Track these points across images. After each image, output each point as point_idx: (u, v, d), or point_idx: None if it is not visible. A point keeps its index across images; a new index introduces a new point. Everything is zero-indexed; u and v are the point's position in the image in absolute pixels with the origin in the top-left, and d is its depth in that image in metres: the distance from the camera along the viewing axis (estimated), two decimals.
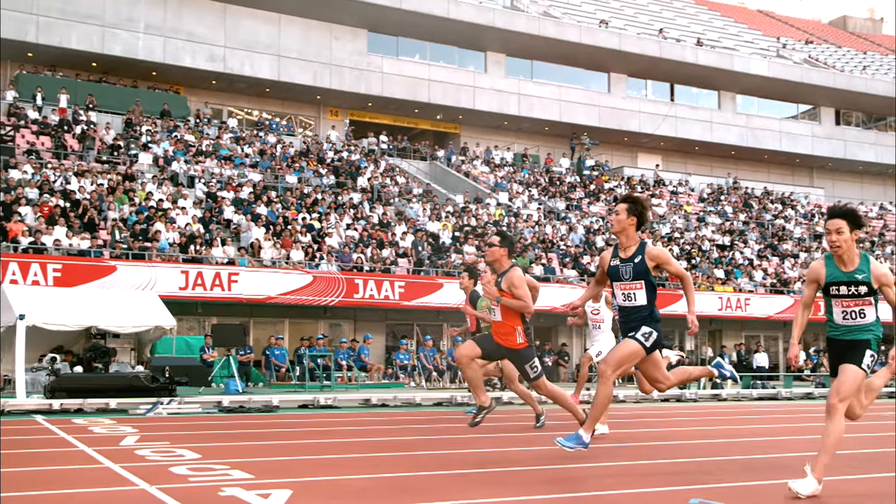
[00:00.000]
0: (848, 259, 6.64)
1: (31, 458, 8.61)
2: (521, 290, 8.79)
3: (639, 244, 7.82)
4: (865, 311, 6.64)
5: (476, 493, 6.57)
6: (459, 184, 40.10)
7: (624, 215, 7.83)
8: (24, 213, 24.44)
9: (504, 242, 9.12)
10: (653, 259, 7.73)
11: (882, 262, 7.50)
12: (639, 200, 7.93)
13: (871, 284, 6.60)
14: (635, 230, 7.86)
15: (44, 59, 36.90)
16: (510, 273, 8.91)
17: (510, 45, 44.70)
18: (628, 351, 7.70)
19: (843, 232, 6.59)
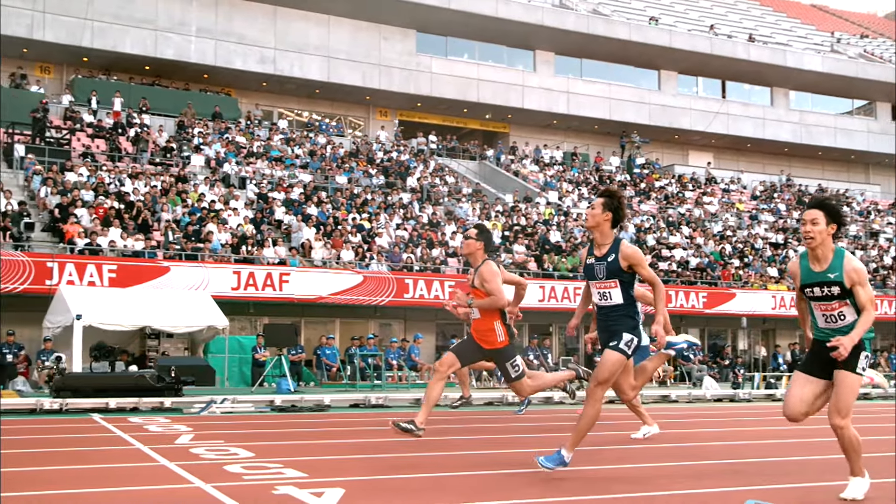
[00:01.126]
0: (822, 255, 6.24)
1: (90, 455, 8.74)
2: (492, 283, 8.47)
3: (613, 242, 7.41)
4: (844, 312, 6.21)
5: (529, 493, 6.55)
6: (509, 183, 40.04)
7: (599, 210, 7.42)
8: (80, 214, 24.83)
9: (481, 236, 8.79)
10: (625, 259, 7.29)
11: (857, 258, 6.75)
12: (615, 195, 7.52)
13: (844, 284, 6.16)
14: (611, 226, 7.44)
15: (98, 63, 37.50)
16: (482, 267, 8.61)
17: (559, 43, 44.53)
18: (614, 365, 7.30)
19: (818, 223, 6.22)
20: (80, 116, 33.42)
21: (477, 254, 8.73)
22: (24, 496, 6.33)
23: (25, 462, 8.07)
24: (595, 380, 7.28)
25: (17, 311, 22.87)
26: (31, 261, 22.11)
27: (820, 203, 6.35)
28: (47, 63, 37.55)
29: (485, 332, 8.55)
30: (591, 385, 7.30)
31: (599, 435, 11.13)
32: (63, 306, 21.01)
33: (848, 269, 6.13)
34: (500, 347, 8.55)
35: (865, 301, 6.16)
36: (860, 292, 6.13)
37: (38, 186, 26.64)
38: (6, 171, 28.47)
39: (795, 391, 6.35)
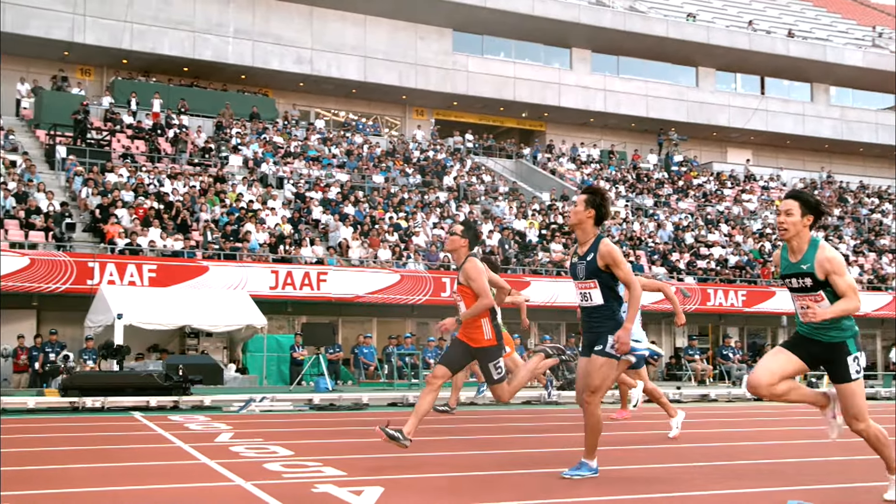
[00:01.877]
0: (797, 246, 6.07)
1: (132, 453, 8.83)
2: (479, 282, 8.14)
3: (594, 240, 7.12)
4: (822, 306, 5.98)
5: (568, 492, 6.52)
6: (545, 181, 39.93)
7: (582, 207, 7.14)
8: (120, 215, 25.09)
9: (467, 233, 8.45)
10: (602, 258, 6.99)
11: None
12: (599, 192, 7.25)
13: (816, 275, 5.95)
14: (594, 224, 7.16)
15: (138, 65, 37.89)
16: (466, 265, 8.28)
17: (596, 41, 44.35)
18: (602, 369, 7.00)
19: (792, 214, 6.02)
20: (120, 118, 33.78)
21: (461, 251, 8.43)
22: (67, 493, 6.41)
23: (69, 460, 8.17)
24: (587, 389, 7.02)
25: (59, 310, 23.20)
26: (73, 261, 22.38)
27: (795, 194, 6.17)
28: (88, 65, 37.99)
29: (472, 330, 8.23)
30: (585, 395, 7.05)
31: (636, 434, 11.08)
32: (104, 306, 21.26)
33: (820, 259, 5.93)
34: (486, 346, 8.20)
35: (845, 288, 5.92)
36: (838, 282, 5.91)
37: (79, 187, 26.96)
38: (48, 172, 28.83)
39: (765, 361, 6.17)
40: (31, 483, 6.80)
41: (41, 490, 6.48)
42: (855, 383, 6.02)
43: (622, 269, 6.98)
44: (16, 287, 21.80)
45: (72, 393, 14.65)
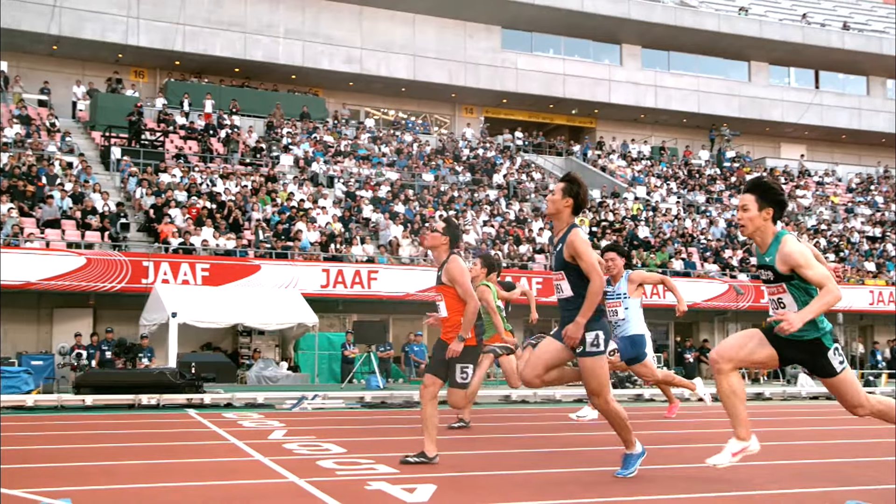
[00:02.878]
0: (761, 241, 5.86)
1: (188, 450, 8.93)
2: (464, 284, 7.75)
3: (565, 230, 6.85)
4: (783, 300, 5.81)
5: (621, 490, 6.47)
6: (596, 178, 39.70)
7: (559, 196, 6.88)
8: (173, 215, 25.40)
9: (448, 231, 8.04)
10: (567, 248, 6.74)
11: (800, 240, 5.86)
12: (577, 180, 6.96)
13: (776, 268, 5.72)
14: (571, 213, 6.91)
15: (190, 66, 38.33)
16: (450, 265, 7.82)
17: (646, 36, 44.00)
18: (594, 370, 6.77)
19: (748, 209, 5.79)
20: (173, 119, 34.19)
21: (441, 248, 8.03)
22: (125, 489, 6.49)
23: (127, 456, 8.28)
24: (591, 395, 6.89)
25: (114, 309, 23.55)
26: (128, 260, 22.70)
27: (751, 186, 5.88)
28: (142, 67, 38.51)
29: (453, 328, 7.87)
30: (594, 402, 6.90)
31: (691, 433, 10.98)
32: (158, 304, 21.53)
33: (781, 254, 5.72)
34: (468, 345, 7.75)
35: (818, 280, 5.67)
36: (808, 274, 5.66)
37: (133, 188, 27.33)
38: (103, 173, 29.27)
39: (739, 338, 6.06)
40: (91, 479, 6.90)
41: (100, 486, 6.57)
42: (843, 374, 5.89)
43: (584, 261, 6.70)
44: (73, 286, 22.18)
45: (85, 391, 14.65)
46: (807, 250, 5.79)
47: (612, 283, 10.84)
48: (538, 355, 7.06)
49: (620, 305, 10.82)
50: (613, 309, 10.80)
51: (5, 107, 32.16)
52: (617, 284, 10.90)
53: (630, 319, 10.87)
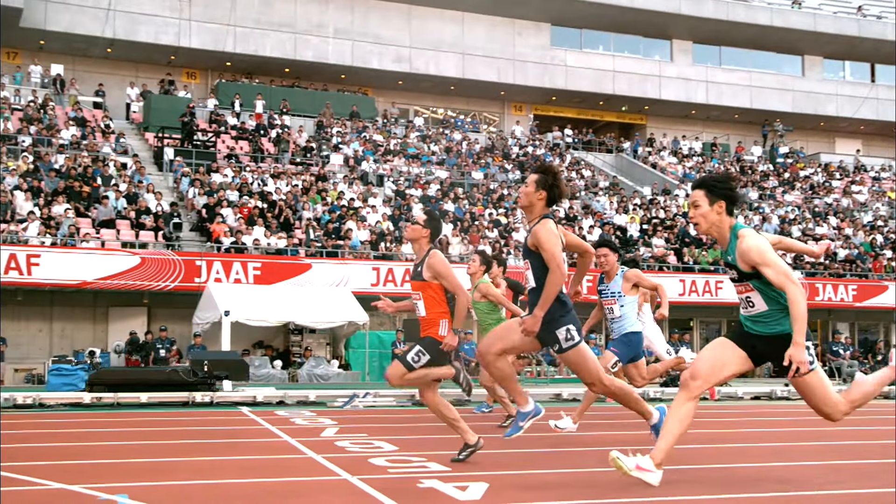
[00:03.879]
0: (719, 237, 5.56)
1: (241, 447, 9.00)
2: (451, 277, 7.55)
3: (536, 222, 6.69)
4: (751, 298, 5.52)
5: (675, 490, 6.40)
6: (646, 175, 39.42)
7: (532, 188, 6.72)
8: (225, 214, 25.64)
9: (430, 223, 7.74)
10: (532, 237, 6.60)
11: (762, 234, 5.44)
12: (551, 171, 6.78)
13: (740, 267, 5.43)
14: (545, 206, 6.73)
15: (241, 67, 38.70)
16: (431, 259, 7.57)
17: (697, 31, 43.58)
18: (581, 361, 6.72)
19: (699, 206, 5.52)
20: (225, 119, 34.53)
21: (422, 241, 7.73)
22: (179, 486, 6.56)
23: (181, 453, 8.37)
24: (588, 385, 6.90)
25: (168, 307, 23.84)
26: (181, 259, 22.96)
27: (700, 182, 5.61)
28: (193, 69, 38.96)
29: (431, 326, 7.64)
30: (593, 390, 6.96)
31: (747, 432, 10.84)
32: (211, 303, 21.76)
33: (739, 250, 5.41)
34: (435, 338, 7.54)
35: (780, 282, 5.36)
36: (769, 273, 5.36)
37: (186, 188, 27.64)
38: (157, 173, 29.64)
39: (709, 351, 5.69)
40: (147, 475, 6.99)
41: (155, 482, 6.65)
42: (812, 374, 5.56)
43: (545, 251, 6.54)
44: (127, 285, 22.49)
45: (98, 389, 14.66)
46: (765, 246, 5.47)
47: (607, 279, 10.41)
48: (500, 335, 6.93)
49: (615, 303, 10.38)
50: (609, 307, 10.42)
51: (61, 109, 32.72)
52: (611, 282, 10.43)
53: (626, 317, 10.43)
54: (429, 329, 7.62)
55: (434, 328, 7.58)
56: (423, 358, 7.49)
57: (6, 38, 35.58)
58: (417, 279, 7.65)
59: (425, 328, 7.65)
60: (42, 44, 36.15)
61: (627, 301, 10.34)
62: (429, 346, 7.52)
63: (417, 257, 7.79)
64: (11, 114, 30.81)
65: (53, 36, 35.49)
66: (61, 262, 21.89)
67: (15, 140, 28.55)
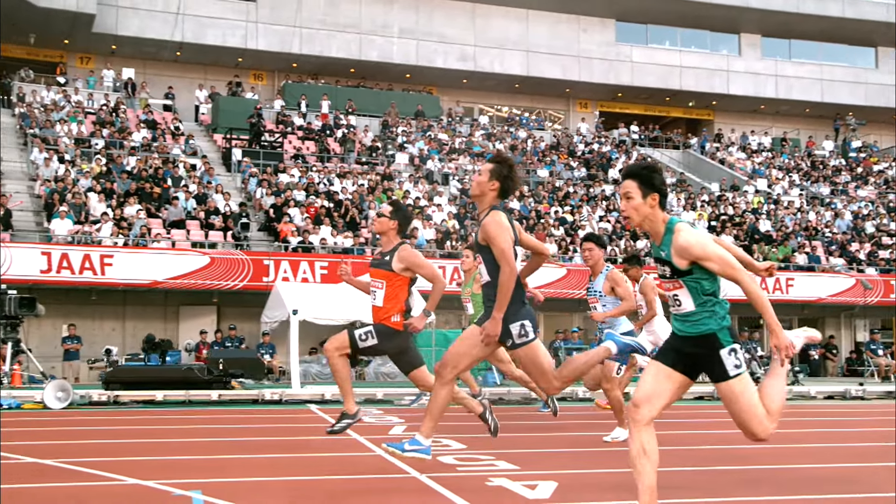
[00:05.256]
0: (652, 230, 5.13)
1: (310, 444, 9.08)
2: (427, 266, 7.46)
3: (486, 214, 6.38)
4: (679, 297, 5.09)
5: (740, 491, 6.31)
6: (715, 172, 38.89)
7: (486, 177, 6.38)
8: (292, 214, 25.88)
9: (396, 215, 7.67)
10: (482, 230, 6.30)
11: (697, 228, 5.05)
12: (507, 162, 6.46)
13: (675, 264, 5.01)
14: (497, 197, 6.42)
15: (307, 68, 39.05)
16: (403, 251, 7.48)
17: (766, 24, 42.85)
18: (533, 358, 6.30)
19: (631, 197, 5.07)
20: (291, 120, 34.87)
21: (390, 234, 7.66)
22: (250, 482, 6.63)
23: (251, 450, 8.47)
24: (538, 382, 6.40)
25: (237, 306, 24.13)
26: (250, 259, 23.23)
27: (632, 171, 5.18)
28: (260, 70, 39.42)
29: (381, 314, 7.58)
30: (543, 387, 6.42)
31: (819, 432, 10.64)
32: (279, 302, 21.95)
33: (677, 246, 4.99)
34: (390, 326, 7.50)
35: (726, 273, 4.98)
36: (713, 267, 4.96)
37: (254, 188, 27.96)
38: (225, 174, 30.04)
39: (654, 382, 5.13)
40: (218, 472, 7.08)
41: (227, 479, 6.73)
42: (736, 381, 5.01)
43: (495, 246, 6.24)
44: (197, 284, 22.82)
45: (113, 386, 14.75)
46: (706, 239, 5.12)
47: (593, 277, 10.00)
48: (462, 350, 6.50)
49: (598, 303, 9.91)
50: (593, 306, 10.01)
51: (133, 112, 33.34)
52: (596, 279, 9.98)
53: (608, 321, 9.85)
54: (381, 318, 7.56)
55: (387, 317, 7.53)
56: (370, 340, 7.44)
57: (80, 44, 36.42)
58: (383, 268, 7.56)
59: (377, 317, 7.57)
60: (114, 49, 36.88)
61: (609, 301, 9.82)
62: (380, 332, 7.46)
63: (385, 248, 7.71)
64: (85, 117, 31.47)
65: (124, 41, 36.20)
66: (133, 263, 22.30)
67: (88, 143, 29.16)
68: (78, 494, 6.17)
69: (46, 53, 37.10)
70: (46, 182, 25.14)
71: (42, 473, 6.98)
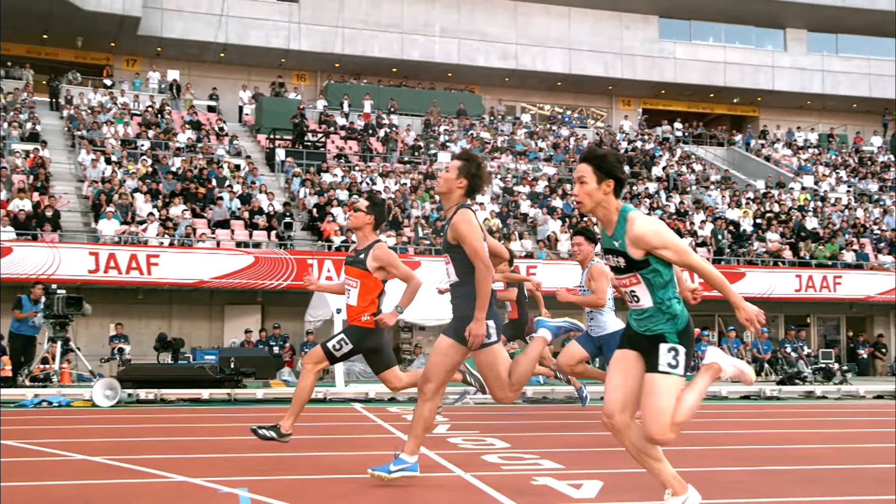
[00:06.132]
0: (604, 218, 4.90)
1: (354, 443, 9.11)
2: (401, 266, 7.36)
3: (453, 211, 6.25)
4: (636, 292, 4.86)
5: (790, 491, 6.23)
6: (760, 169, 38.48)
7: (454, 174, 6.25)
8: (335, 213, 25.99)
9: (373, 209, 7.52)
10: (451, 229, 6.14)
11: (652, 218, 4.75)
12: (475, 160, 6.32)
13: (630, 255, 4.77)
14: (464, 195, 6.29)
15: (349, 68, 39.24)
16: (377, 250, 7.38)
17: (812, 19, 42.35)
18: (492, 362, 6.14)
19: (585, 182, 4.85)
20: (334, 120, 35.03)
21: (366, 229, 7.52)
22: (295, 480, 6.67)
23: (295, 448, 8.51)
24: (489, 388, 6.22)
25: (281, 305, 24.30)
26: (293, 258, 23.36)
27: (588, 155, 4.94)
28: (303, 71, 39.69)
29: (355, 314, 7.55)
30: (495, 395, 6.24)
31: (855, 432, 10.50)
32: (323, 301, 22.05)
33: (632, 235, 4.75)
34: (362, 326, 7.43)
35: (682, 260, 4.75)
36: (668, 255, 4.73)
37: (297, 188, 28.12)
38: (269, 174, 30.25)
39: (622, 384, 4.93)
40: (264, 470, 7.12)
41: (273, 476, 6.77)
42: (662, 377, 4.76)
43: (467, 245, 6.07)
44: (242, 284, 23.01)
45: (127, 385, 14.69)
46: (661, 226, 4.86)
47: (582, 271, 9.84)
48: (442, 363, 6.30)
49: None
50: None
51: (177, 113, 33.69)
52: (584, 273, 9.82)
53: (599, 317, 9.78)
54: (355, 318, 7.56)
55: (359, 316, 7.52)
56: (346, 347, 7.44)
57: (126, 46, 36.88)
58: (358, 266, 7.46)
59: (352, 317, 7.54)
60: (159, 51, 37.32)
61: None
62: (351, 333, 7.42)
63: (360, 245, 7.59)
64: (131, 119, 31.86)
65: (169, 43, 36.61)
66: (179, 262, 22.53)
67: (134, 144, 29.51)
68: (126, 492, 6.24)
69: (93, 56, 37.65)
70: (94, 183, 25.47)
71: (91, 470, 7.07)
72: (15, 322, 17.22)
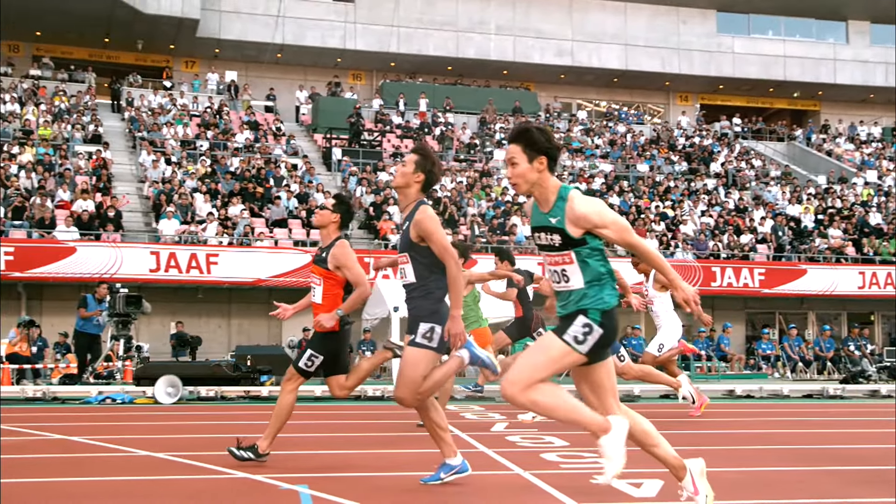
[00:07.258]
0: (542, 197, 4.71)
1: (413, 441, 9.12)
2: (354, 269, 7.11)
3: (413, 207, 6.09)
4: (567, 272, 4.67)
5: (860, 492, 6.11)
6: (821, 164, 37.85)
7: (411, 168, 6.11)
8: (392, 212, 26.08)
9: (339, 208, 7.34)
10: (415, 226, 5.96)
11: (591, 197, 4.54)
12: (430, 155, 6.19)
13: (567, 232, 4.61)
14: (420, 189, 6.14)
15: (405, 67, 39.35)
16: (336, 249, 7.15)
17: (875, 10, 41.52)
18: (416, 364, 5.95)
19: (516, 163, 4.68)
20: (390, 118, 35.16)
21: (330, 227, 7.33)
22: (355, 477, 6.69)
23: (354, 445, 8.55)
24: (399, 386, 6.01)
25: None
26: None
27: (516, 134, 4.77)
28: (359, 70, 39.89)
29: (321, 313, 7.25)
30: (398, 394, 6.04)
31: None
32: (380, 299, 22.13)
33: (571, 215, 4.60)
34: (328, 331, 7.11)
35: (623, 240, 4.64)
36: (609, 235, 4.61)
37: (353, 186, 28.28)
38: (325, 173, 30.46)
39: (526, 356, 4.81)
40: (324, 467, 7.16)
41: (332, 474, 6.80)
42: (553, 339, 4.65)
43: (435, 242, 5.92)
44: (300, 282, 23.15)
45: (144, 382, 14.66)
46: (602, 205, 4.72)
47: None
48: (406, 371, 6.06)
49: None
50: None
51: (235, 114, 34.06)
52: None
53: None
54: None
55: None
56: (316, 361, 7.18)
57: (184, 49, 37.37)
58: (321, 265, 7.28)
59: (317, 314, 7.27)
60: (217, 52, 37.77)
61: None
62: (316, 345, 7.18)
63: (323, 243, 7.43)
64: (190, 120, 32.29)
65: (227, 44, 37.04)
66: (238, 261, 22.79)
67: (194, 145, 29.91)
68: (188, 487, 6.32)
69: (153, 59, 38.22)
70: (154, 183, 25.86)
71: (154, 467, 7.17)
72: (80, 320, 17.56)
